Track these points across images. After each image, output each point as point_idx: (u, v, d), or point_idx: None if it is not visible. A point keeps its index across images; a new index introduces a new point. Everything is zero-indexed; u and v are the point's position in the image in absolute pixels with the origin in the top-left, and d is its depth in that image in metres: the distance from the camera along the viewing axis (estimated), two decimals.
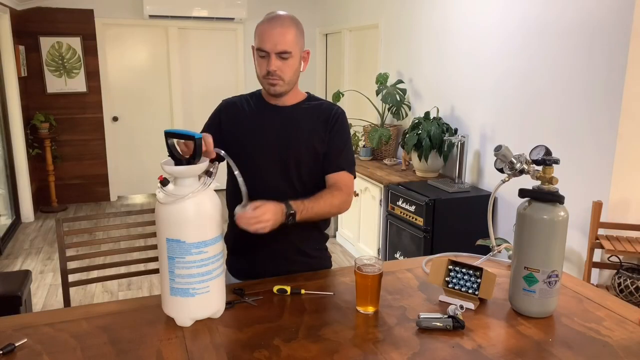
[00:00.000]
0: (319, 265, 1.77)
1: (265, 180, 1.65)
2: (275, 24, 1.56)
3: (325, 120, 1.69)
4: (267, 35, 1.56)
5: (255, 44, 1.60)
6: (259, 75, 1.62)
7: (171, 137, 1.34)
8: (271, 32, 1.55)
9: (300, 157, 1.66)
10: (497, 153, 1.53)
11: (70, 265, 2.00)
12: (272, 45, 1.55)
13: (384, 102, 4.34)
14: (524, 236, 1.40)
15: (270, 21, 1.58)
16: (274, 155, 1.65)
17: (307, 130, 1.67)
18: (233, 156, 1.56)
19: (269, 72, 1.58)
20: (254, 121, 1.68)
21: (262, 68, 1.59)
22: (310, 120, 1.68)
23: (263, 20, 1.61)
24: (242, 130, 1.67)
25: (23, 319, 1.44)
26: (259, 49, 1.57)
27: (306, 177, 1.68)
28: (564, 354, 1.24)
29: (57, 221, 2.01)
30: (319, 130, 1.68)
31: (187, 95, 6.23)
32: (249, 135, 1.66)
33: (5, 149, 5.08)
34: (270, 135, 1.66)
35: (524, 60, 3.14)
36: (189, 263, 1.29)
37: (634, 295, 2.43)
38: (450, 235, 3.31)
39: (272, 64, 1.57)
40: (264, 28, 1.57)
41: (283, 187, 1.65)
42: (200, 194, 1.30)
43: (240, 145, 1.64)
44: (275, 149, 1.65)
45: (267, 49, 1.56)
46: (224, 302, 1.40)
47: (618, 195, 2.65)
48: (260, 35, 1.57)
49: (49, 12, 5.50)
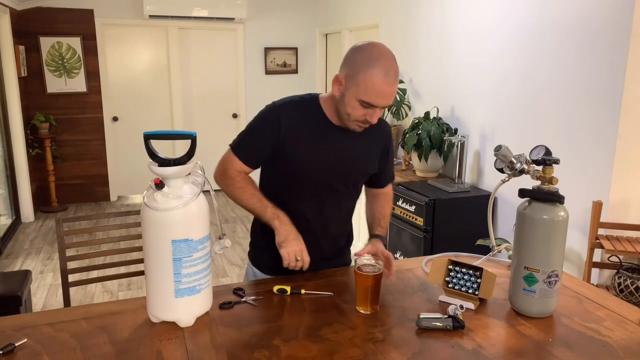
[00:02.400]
0: (342, 263, 1.84)
1: (319, 198, 1.65)
2: (391, 80, 1.44)
3: (381, 141, 1.71)
4: (382, 93, 1.44)
5: (358, 90, 1.45)
6: (350, 117, 1.51)
7: (158, 138, 1.33)
8: (386, 90, 1.44)
9: (356, 178, 1.70)
10: (497, 153, 1.53)
11: (70, 265, 2.00)
12: (385, 103, 1.47)
13: None
14: (524, 236, 1.40)
15: (386, 76, 1.43)
16: (334, 176, 1.63)
17: (366, 152, 1.68)
18: (287, 172, 1.62)
19: (366, 121, 1.51)
20: (318, 140, 1.59)
21: (359, 114, 1.49)
22: (369, 142, 1.67)
23: (373, 67, 1.43)
24: (307, 149, 1.58)
25: (23, 319, 1.43)
26: (366, 102, 1.45)
27: (354, 194, 1.74)
28: (564, 354, 1.24)
29: (57, 221, 2.01)
30: (375, 152, 1.71)
31: (187, 95, 6.23)
32: (314, 157, 1.59)
33: (5, 149, 5.08)
34: (334, 157, 1.61)
35: (524, 60, 3.14)
36: (195, 260, 1.32)
37: (634, 295, 2.43)
38: (450, 235, 3.31)
39: (377, 116, 1.50)
40: (378, 82, 1.43)
41: (333, 205, 1.68)
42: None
43: (300, 164, 1.59)
44: (337, 171, 1.63)
45: (378, 105, 1.47)
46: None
47: (618, 195, 2.65)
48: (373, 90, 1.43)
49: (49, 12, 5.50)
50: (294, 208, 1.62)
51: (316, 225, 1.67)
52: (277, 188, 1.66)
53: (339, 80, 1.50)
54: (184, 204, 1.28)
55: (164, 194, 1.29)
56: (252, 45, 6.31)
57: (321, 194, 1.65)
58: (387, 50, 1.49)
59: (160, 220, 1.29)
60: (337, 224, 1.73)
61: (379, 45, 1.49)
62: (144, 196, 1.32)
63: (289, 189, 1.65)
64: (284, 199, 1.63)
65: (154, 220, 1.29)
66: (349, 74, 1.48)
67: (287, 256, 1.52)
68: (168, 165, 1.30)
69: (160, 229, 1.29)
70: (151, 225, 1.30)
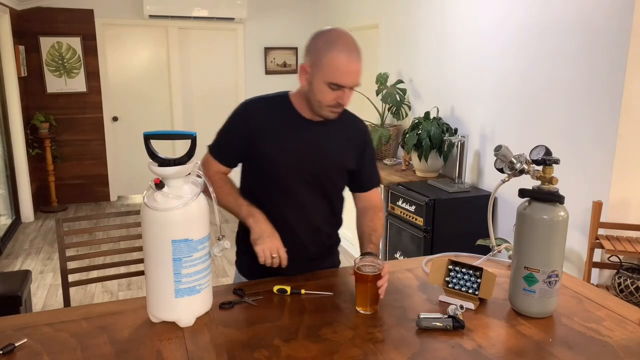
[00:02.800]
0: (330, 264, 1.83)
1: (296, 196, 1.63)
2: (354, 57, 1.46)
3: (356, 137, 1.70)
4: (347, 72, 1.45)
5: (324, 74, 1.46)
6: (322, 103, 1.51)
7: (158, 138, 1.33)
8: (351, 68, 1.46)
9: (331, 173, 1.67)
10: (497, 153, 1.53)
11: (70, 265, 2.00)
12: (352, 81, 1.48)
13: (384, 102, 4.34)
14: (524, 236, 1.40)
15: (349, 54, 1.45)
16: (308, 170, 1.62)
17: (340, 146, 1.66)
18: (261, 169, 1.61)
19: (338, 104, 1.51)
20: (289, 135, 1.59)
21: (330, 98, 1.49)
22: (342, 136, 1.66)
23: (334, 48, 1.45)
24: (276, 144, 1.59)
25: (23, 319, 1.43)
26: (334, 83, 1.46)
27: (333, 190, 1.71)
28: (564, 354, 1.24)
29: (57, 221, 2.01)
30: (350, 147, 1.68)
31: (187, 95, 6.23)
32: (284, 151, 1.59)
33: (5, 149, 5.08)
34: (305, 151, 1.60)
35: (524, 60, 3.14)
36: (195, 260, 1.32)
37: (634, 295, 2.43)
38: (450, 235, 3.31)
39: (347, 98, 1.50)
40: (342, 62, 1.44)
41: (312, 202, 1.66)
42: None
43: (271, 159, 1.59)
44: (309, 165, 1.61)
45: (346, 85, 1.47)
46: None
47: (618, 195, 2.65)
48: (338, 70, 1.45)
49: (49, 12, 5.50)
50: (273, 208, 1.62)
51: (297, 224, 1.65)
52: (255, 189, 1.66)
53: (305, 69, 1.52)
54: (184, 204, 1.28)
55: (164, 194, 1.29)
56: (252, 45, 6.31)
57: (298, 191, 1.63)
58: (345, 31, 1.51)
59: (160, 220, 1.29)
60: (318, 222, 1.70)
61: (337, 29, 1.52)
62: (144, 196, 1.32)
63: (266, 188, 1.63)
64: (263, 199, 1.63)
65: (154, 220, 1.29)
66: (312, 60, 1.49)
67: (262, 253, 1.51)
68: (168, 165, 1.30)
69: (160, 229, 1.29)
70: (151, 225, 1.30)
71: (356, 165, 1.70)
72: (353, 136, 1.69)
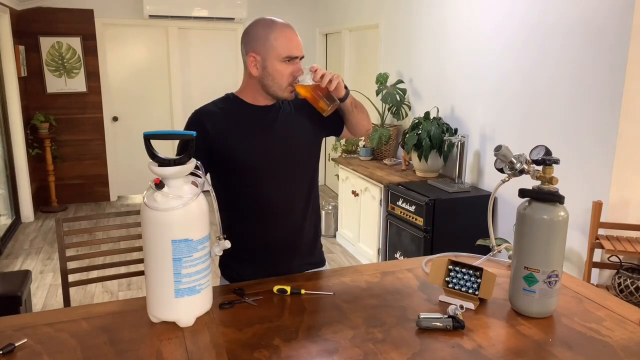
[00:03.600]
0: (318, 261, 1.81)
1: (274, 183, 1.64)
2: (291, 28, 1.58)
3: (304, 105, 1.66)
4: (295, 43, 1.57)
5: (276, 52, 1.54)
6: (282, 84, 1.57)
7: (158, 138, 1.33)
8: (296, 39, 1.57)
9: (301, 152, 1.68)
10: (497, 153, 1.53)
11: (70, 265, 2.00)
12: (301, 51, 1.58)
13: (384, 102, 4.34)
14: (524, 236, 1.40)
15: (289, 28, 1.58)
16: (277, 156, 1.63)
17: (300, 120, 1.68)
18: (229, 171, 1.61)
19: (296, 78, 1.57)
20: (248, 128, 1.61)
21: (287, 74, 1.57)
22: (298, 110, 1.69)
23: (275, 28, 1.56)
24: (238, 139, 1.60)
25: (23, 319, 1.43)
26: (289, 56, 1.55)
27: (307, 171, 1.71)
28: (564, 354, 1.24)
29: (57, 221, 2.01)
30: (309, 116, 1.67)
31: (187, 95, 6.23)
32: (248, 143, 1.60)
33: (5, 149, 5.08)
34: (269, 137, 1.63)
35: (524, 61, 3.14)
36: (195, 260, 1.32)
37: (634, 295, 2.43)
38: (450, 235, 3.31)
39: (300, 67, 1.58)
40: (287, 35, 1.56)
41: (292, 187, 1.67)
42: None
43: (236, 154, 1.59)
44: (277, 150, 1.63)
45: (298, 55, 1.57)
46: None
47: (618, 195, 2.65)
48: (288, 43, 1.55)
49: (49, 12, 5.50)
50: (250, 208, 1.64)
51: (279, 220, 1.65)
52: (229, 193, 1.64)
53: (254, 58, 1.57)
54: (184, 204, 1.28)
55: (164, 194, 1.29)
56: None
57: (272, 181, 1.63)
58: (272, 17, 1.62)
59: (160, 220, 1.29)
60: (298, 214, 1.69)
61: (263, 17, 1.61)
62: (144, 196, 1.32)
63: (241, 182, 1.63)
64: (238, 203, 1.64)
65: (154, 220, 1.29)
66: (258, 46, 1.56)
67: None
68: (168, 165, 1.30)
69: (160, 229, 1.29)
70: (151, 225, 1.30)
71: (321, 123, 1.71)
72: (302, 107, 1.68)
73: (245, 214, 1.66)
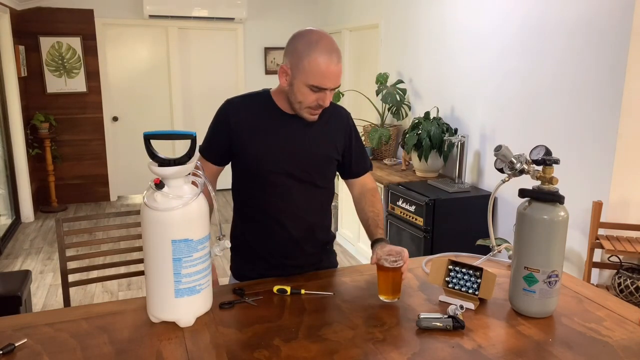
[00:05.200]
0: (328, 265, 1.80)
1: (286, 193, 1.62)
2: (334, 59, 1.47)
3: (339, 125, 1.69)
4: (328, 74, 1.46)
5: (304, 77, 1.47)
6: (302, 105, 1.53)
7: (158, 138, 1.33)
8: (332, 70, 1.47)
9: (318, 166, 1.66)
10: (497, 153, 1.53)
11: (70, 265, 2.00)
12: (333, 84, 1.49)
13: (384, 102, 4.34)
14: (524, 236, 1.40)
15: (329, 56, 1.46)
16: (294, 165, 1.61)
17: (324, 137, 1.66)
18: (247, 167, 1.62)
19: (318, 105, 1.53)
20: (272, 131, 1.59)
21: (311, 100, 1.51)
22: (326, 127, 1.66)
23: (314, 51, 1.45)
24: (259, 139, 1.59)
25: (23, 319, 1.43)
26: (315, 86, 1.47)
27: (322, 183, 1.69)
28: (564, 354, 1.23)
29: (57, 221, 2.01)
30: (335, 137, 1.68)
31: (187, 95, 6.23)
32: (268, 146, 1.59)
33: (5, 149, 5.08)
34: (289, 145, 1.60)
35: (524, 60, 3.14)
36: (195, 260, 1.32)
37: (634, 295, 2.43)
38: (450, 235, 3.31)
39: (328, 99, 1.52)
40: (322, 64, 1.45)
41: (303, 198, 1.65)
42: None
43: (255, 154, 1.59)
44: (295, 158, 1.61)
45: (327, 87, 1.49)
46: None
47: (618, 195, 2.65)
48: (319, 72, 1.45)
49: (49, 12, 5.50)
50: (265, 208, 1.63)
51: (291, 223, 1.64)
52: (245, 188, 1.66)
53: (285, 71, 1.52)
54: (184, 204, 1.28)
55: (164, 194, 1.29)
56: (252, 45, 6.31)
57: (287, 185, 1.62)
58: (324, 33, 1.52)
59: (160, 220, 1.29)
60: (311, 218, 1.69)
61: (316, 30, 1.52)
62: (144, 196, 1.32)
63: (255, 186, 1.63)
64: (254, 198, 1.64)
65: (154, 220, 1.29)
66: (293, 62, 1.49)
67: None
68: (168, 165, 1.30)
69: (160, 229, 1.29)
70: (151, 225, 1.30)
71: (344, 153, 1.71)
72: (337, 125, 1.69)
73: (258, 218, 1.65)
